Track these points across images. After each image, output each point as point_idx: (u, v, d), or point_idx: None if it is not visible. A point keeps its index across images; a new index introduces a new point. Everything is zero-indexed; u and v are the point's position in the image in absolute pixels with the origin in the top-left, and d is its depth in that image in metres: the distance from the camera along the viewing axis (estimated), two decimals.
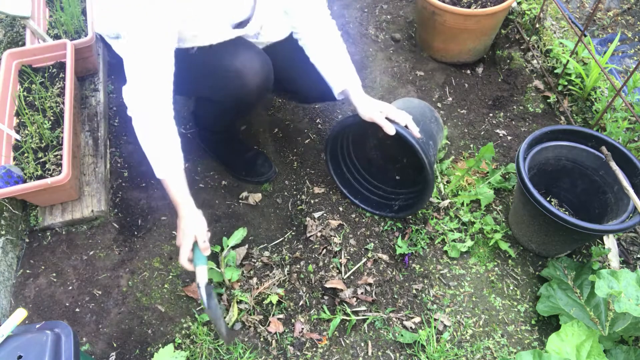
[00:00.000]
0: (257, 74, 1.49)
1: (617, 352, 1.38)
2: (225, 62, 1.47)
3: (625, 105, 1.85)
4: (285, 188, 1.96)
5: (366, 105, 1.56)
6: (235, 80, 1.47)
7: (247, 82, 1.48)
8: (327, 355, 1.56)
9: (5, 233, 1.73)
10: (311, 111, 2.20)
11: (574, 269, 1.63)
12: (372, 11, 2.64)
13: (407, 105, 1.78)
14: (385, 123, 1.52)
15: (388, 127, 1.52)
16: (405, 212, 1.80)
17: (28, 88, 1.96)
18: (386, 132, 1.52)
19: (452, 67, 2.37)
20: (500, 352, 1.56)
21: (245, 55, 1.49)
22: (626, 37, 2.53)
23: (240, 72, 1.47)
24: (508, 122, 2.15)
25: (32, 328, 1.16)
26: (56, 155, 1.79)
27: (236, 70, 1.46)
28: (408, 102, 1.85)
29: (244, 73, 1.47)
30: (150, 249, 1.80)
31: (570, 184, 1.75)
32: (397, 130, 1.53)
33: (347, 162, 1.90)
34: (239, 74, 1.47)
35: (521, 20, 2.41)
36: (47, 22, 2.20)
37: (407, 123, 1.55)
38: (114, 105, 2.21)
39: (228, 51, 1.49)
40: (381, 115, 1.53)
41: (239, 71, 1.46)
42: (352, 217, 1.87)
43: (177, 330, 1.62)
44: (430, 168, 1.58)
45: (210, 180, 1.99)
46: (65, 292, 1.70)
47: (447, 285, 1.70)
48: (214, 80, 1.50)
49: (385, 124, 1.52)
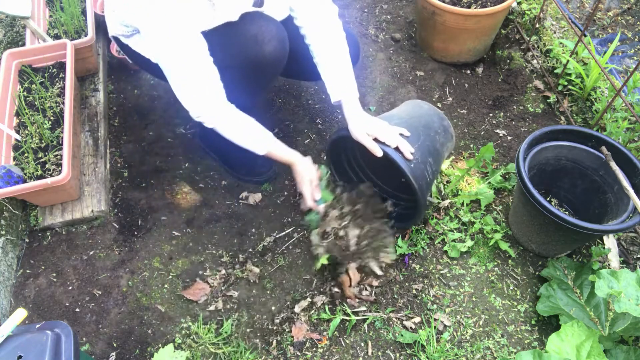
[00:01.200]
0: (274, 37, 1.51)
1: (617, 352, 1.38)
2: (244, 28, 1.51)
3: (625, 105, 1.85)
4: (285, 188, 1.96)
5: (356, 124, 1.53)
6: (252, 44, 1.50)
7: (264, 45, 1.50)
8: (327, 355, 1.56)
9: (5, 233, 1.73)
10: (311, 111, 2.20)
11: (574, 269, 1.63)
12: (372, 11, 2.64)
13: (415, 112, 1.69)
14: (372, 146, 1.48)
15: (375, 150, 1.48)
16: (400, 223, 1.74)
17: (28, 88, 1.96)
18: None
19: (452, 67, 2.37)
20: (500, 352, 1.56)
21: (261, 21, 1.53)
22: (626, 37, 2.53)
23: (257, 36, 1.50)
24: (508, 122, 2.15)
25: (32, 328, 1.16)
26: (56, 155, 1.79)
27: (254, 34, 1.50)
28: (417, 109, 1.73)
29: (260, 37, 1.50)
30: (150, 249, 1.80)
31: (570, 184, 1.75)
32: (385, 153, 1.46)
33: (352, 163, 1.84)
34: (256, 37, 1.50)
35: (521, 20, 2.41)
36: (47, 22, 2.21)
37: (399, 144, 1.48)
38: (114, 105, 2.21)
39: (245, 20, 1.53)
40: (368, 138, 1.49)
41: (256, 35, 1.50)
42: None
43: (177, 330, 1.62)
44: (422, 192, 1.49)
45: (210, 180, 1.99)
46: (65, 292, 1.70)
47: (447, 285, 1.70)
48: (232, 47, 1.52)
49: (372, 147, 1.48)
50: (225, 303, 1.67)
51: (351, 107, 1.57)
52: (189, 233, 1.84)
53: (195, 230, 1.85)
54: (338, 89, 1.59)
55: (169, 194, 1.94)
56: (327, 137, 2.10)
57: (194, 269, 1.75)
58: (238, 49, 1.51)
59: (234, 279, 1.72)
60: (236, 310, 1.66)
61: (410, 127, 1.56)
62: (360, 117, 1.55)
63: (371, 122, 1.53)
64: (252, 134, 1.56)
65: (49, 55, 2.00)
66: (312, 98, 2.25)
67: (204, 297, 1.68)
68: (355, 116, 1.55)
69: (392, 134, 1.50)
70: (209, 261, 1.77)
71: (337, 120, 2.16)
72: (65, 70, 1.94)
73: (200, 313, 1.65)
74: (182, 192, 1.95)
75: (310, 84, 2.29)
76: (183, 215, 1.89)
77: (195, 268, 1.75)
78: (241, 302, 1.67)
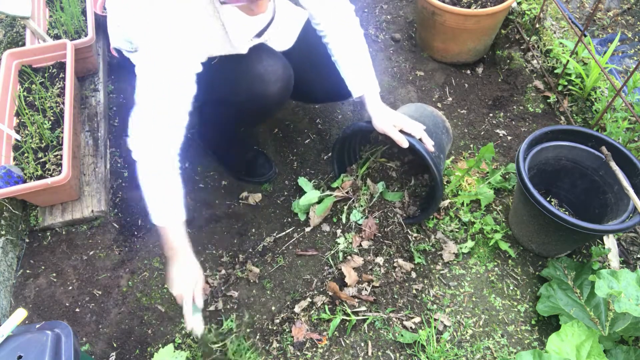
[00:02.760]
0: (280, 78, 1.51)
1: (617, 352, 1.38)
2: (248, 67, 1.49)
3: (625, 105, 1.85)
4: (285, 188, 1.96)
5: (381, 117, 1.56)
6: (258, 83, 1.49)
7: (270, 85, 1.49)
8: (327, 355, 1.56)
9: (5, 233, 1.73)
10: (311, 111, 2.20)
11: (574, 269, 1.63)
12: (372, 11, 2.64)
13: (421, 113, 1.77)
14: (399, 137, 1.52)
15: (402, 140, 1.52)
16: (416, 218, 1.79)
17: (28, 88, 1.96)
18: (399, 145, 1.52)
19: (452, 67, 2.37)
20: (500, 352, 1.56)
21: (267, 60, 1.51)
22: (626, 37, 2.53)
23: (263, 76, 1.48)
24: (508, 122, 2.15)
25: (32, 328, 1.16)
26: (56, 155, 1.79)
27: (259, 74, 1.48)
28: (421, 109, 1.81)
29: (266, 77, 1.48)
30: (150, 249, 1.80)
31: (570, 184, 1.75)
32: (412, 144, 1.52)
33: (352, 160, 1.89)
34: (262, 77, 1.48)
35: (521, 20, 2.41)
36: (47, 22, 2.21)
37: (422, 136, 1.55)
38: (114, 105, 2.22)
39: (250, 56, 1.50)
40: (394, 129, 1.53)
41: (261, 75, 1.48)
42: None
43: (177, 330, 1.62)
44: (441, 182, 1.57)
45: (210, 180, 1.99)
46: (65, 292, 1.70)
47: (447, 285, 1.70)
48: (236, 84, 1.51)
49: (399, 138, 1.52)
50: (225, 303, 1.67)
51: (374, 101, 1.59)
52: (189, 233, 1.83)
53: (195, 230, 1.85)
54: (360, 84, 1.60)
55: None
56: (327, 137, 2.10)
57: None
58: (244, 87, 1.50)
59: (234, 279, 1.72)
60: (236, 310, 1.66)
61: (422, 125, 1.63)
62: (385, 110, 1.58)
63: (396, 115, 1.57)
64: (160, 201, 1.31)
65: (49, 55, 2.00)
66: None
67: (204, 297, 1.67)
68: (380, 109, 1.58)
69: (417, 126, 1.56)
70: (209, 261, 1.77)
71: (337, 120, 2.16)
72: (65, 70, 1.95)
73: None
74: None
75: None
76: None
77: None
78: (241, 302, 1.67)
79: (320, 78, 1.72)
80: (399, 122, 1.55)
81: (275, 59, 1.53)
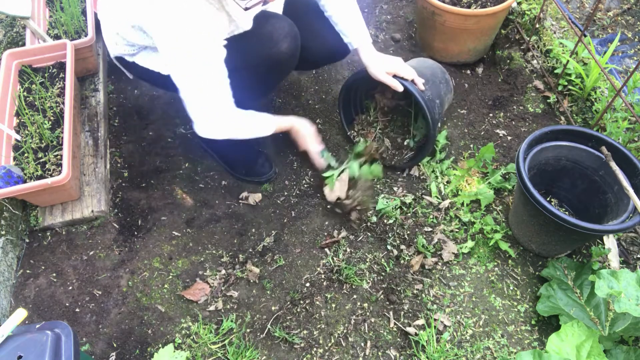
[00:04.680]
0: (287, 33, 1.58)
1: (617, 352, 1.38)
2: (258, 29, 1.57)
3: (625, 106, 1.85)
4: (285, 188, 1.96)
5: (375, 64, 1.70)
6: (267, 42, 1.56)
7: (280, 42, 1.56)
8: (327, 355, 1.56)
9: (5, 233, 1.73)
10: (311, 111, 2.20)
11: (574, 269, 1.63)
12: (372, 11, 2.64)
13: (420, 65, 1.91)
14: (393, 82, 1.69)
15: (395, 85, 1.69)
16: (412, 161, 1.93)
17: (28, 88, 1.96)
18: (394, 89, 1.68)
19: (452, 67, 2.37)
20: (500, 352, 1.56)
21: (272, 20, 1.59)
22: (626, 37, 2.53)
23: (272, 34, 1.56)
24: (508, 122, 2.15)
25: (32, 328, 1.16)
26: (56, 155, 1.80)
27: (268, 32, 1.57)
28: (422, 62, 1.98)
29: (275, 35, 1.57)
30: (150, 249, 1.80)
31: (570, 184, 1.75)
32: (404, 85, 1.68)
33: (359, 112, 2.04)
34: (270, 36, 1.56)
35: (521, 20, 2.41)
36: (47, 22, 2.21)
37: (414, 78, 1.70)
38: (114, 105, 2.22)
39: (258, 22, 1.58)
40: (388, 75, 1.69)
41: (270, 33, 1.57)
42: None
43: (177, 330, 1.62)
44: (434, 123, 1.71)
45: (210, 180, 1.99)
46: (65, 292, 1.70)
47: (447, 285, 1.70)
48: (248, 48, 1.57)
49: (392, 83, 1.69)
50: (225, 303, 1.67)
51: (368, 51, 1.72)
52: (189, 233, 1.84)
53: (195, 231, 1.85)
54: (356, 36, 1.72)
55: (169, 194, 1.94)
56: (327, 137, 2.10)
57: (194, 269, 1.75)
58: (255, 50, 1.56)
59: (234, 279, 1.72)
60: (236, 310, 1.66)
61: (420, 75, 1.77)
62: (378, 58, 1.72)
63: (388, 60, 1.72)
64: (257, 123, 1.62)
65: (49, 56, 2.00)
66: (312, 98, 2.25)
67: (204, 297, 1.68)
68: (374, 58, 1.72)
69: (408, 69, 1.72)
70: (209, 261, 1.77)
71: (337, 120, 2.16)
72: (65, 71, 1.95)
73: (200, 313, 1.65)
74: (182, 192, 1.95)
75: (310, 84, 2.29)
76: (183, 215, 1.89)
77: (195, 268, 1.75)
78: (241, 302, 1.67)
79: (314, 36, 1.76)
80: (392, 68, 1.70)
81: (279, 18, 1.61)
